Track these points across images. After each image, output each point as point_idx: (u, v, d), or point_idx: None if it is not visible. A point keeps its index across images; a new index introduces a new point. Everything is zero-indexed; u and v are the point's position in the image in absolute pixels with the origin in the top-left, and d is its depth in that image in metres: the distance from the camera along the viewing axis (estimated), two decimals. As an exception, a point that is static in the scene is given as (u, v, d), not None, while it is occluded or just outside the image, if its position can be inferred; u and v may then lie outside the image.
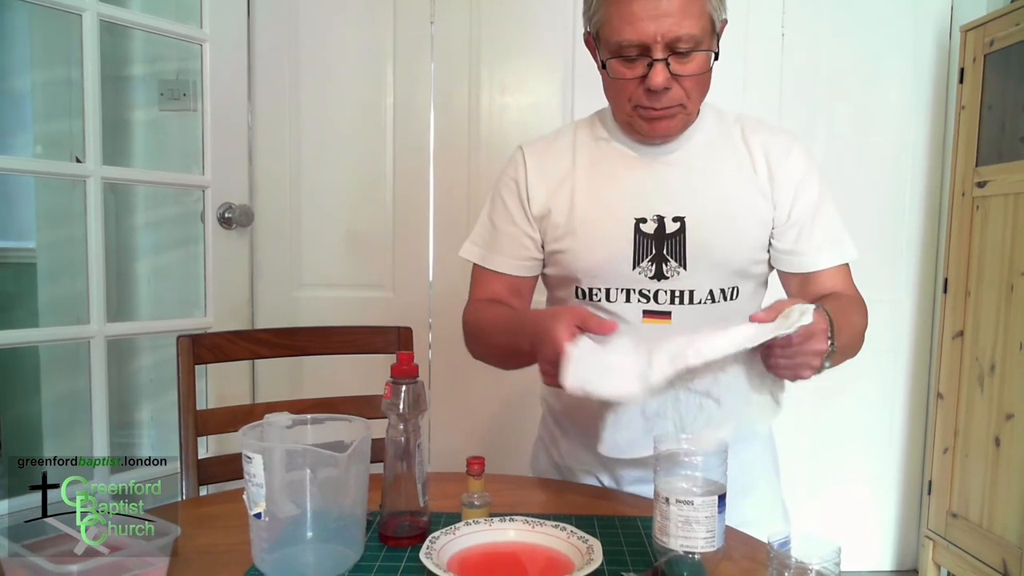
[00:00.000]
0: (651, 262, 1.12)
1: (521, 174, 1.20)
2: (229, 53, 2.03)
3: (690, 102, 1.07)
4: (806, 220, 1.14)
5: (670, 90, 1.04)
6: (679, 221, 1.11)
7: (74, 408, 2.05)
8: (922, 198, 2.49)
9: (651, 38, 1.00)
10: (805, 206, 1.14)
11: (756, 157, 1.14)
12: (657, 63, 1.02)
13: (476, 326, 1.19)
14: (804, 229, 1.14)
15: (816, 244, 1.14)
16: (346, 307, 2.34)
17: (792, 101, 2.41)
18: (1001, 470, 2.07)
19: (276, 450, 0.82)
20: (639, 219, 1.12)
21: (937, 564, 2.37)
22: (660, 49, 1.01)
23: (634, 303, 1.13)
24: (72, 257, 1.99)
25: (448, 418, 2.39)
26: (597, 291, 1.15)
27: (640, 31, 1.00)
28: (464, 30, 2.33)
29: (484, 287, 1.23)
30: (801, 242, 1.14)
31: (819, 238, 1.14)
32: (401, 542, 0.92)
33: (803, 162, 1.15)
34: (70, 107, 2.07)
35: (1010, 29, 2.07)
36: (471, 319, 1.21)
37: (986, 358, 2.14)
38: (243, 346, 1.41)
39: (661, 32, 1.00)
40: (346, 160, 2.35)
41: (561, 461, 1.28)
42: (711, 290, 1.12)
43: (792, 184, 1.13)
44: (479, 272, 1.25)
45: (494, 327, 1.15)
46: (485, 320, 1.18)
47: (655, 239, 1.11)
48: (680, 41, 1.01)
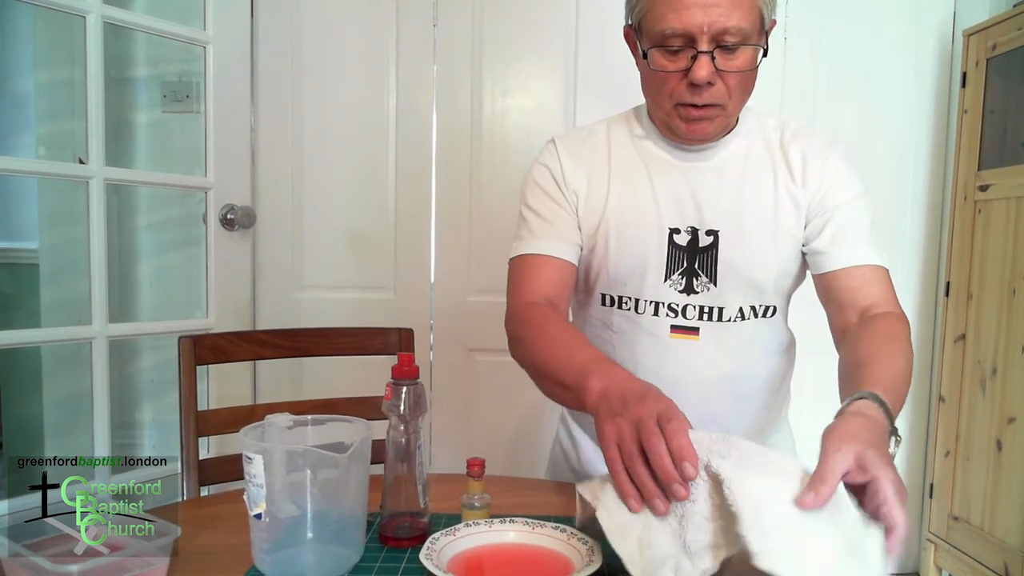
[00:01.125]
0: (682, 275, 1.08)
1: (555, 162, 1.13)
2: (232, 55, 2.03)
3: (731, 102, 1.02)
4: (843, 218, 1.07)
5: (713, 86, 0.98)
6: (712, 235, 1.07)
7: (76, 408, 2.05)
8: (924, 202, 2.49)
9: (698, 28, 0.94)
10: (837, 202, 1.08)
11: (793, 164, 1.09)
12: (702, 55, 0.96)
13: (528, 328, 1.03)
14: (841, 227, 1.07)
15: (852, 243, 1.07)
16: (347, 308, 2.34)
17: (794, 105, 2.41)
18: (1003, 473, 2.06)
19: (277, 451, 0.83)
20: (673, 229, 1.07)
21: (938, 567, 2.36)
22: (706, 41, 0.95)
23: (663, 317, 1.09)
24: (74, 258, 2.00)
25: (449, 419, 2.39)
26: (627, 300, 1.10)
27: (686, 20, 0.94)
28: (467, 33, 2.33)
29: (534, 279, 1.09)
30: (836, 242, 1.07)
31: (854, 238, 1.07)
32: (401, 543, 0.92)
33: (839, 164, 1.10)
34: (73, 108, 2.07)
35: (1012, 33, 2.07)
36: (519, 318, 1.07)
37: (988, 361, 2.14)
38: (244, 347, 1.41)
39: (709, 22, 0.94)
40: (348, 162, 2.36)
41: (580, 468, 1.25)
42: (741, 308, 1.09)
43: (824, 182, 1.08)
44: (524, 264, 1.11)
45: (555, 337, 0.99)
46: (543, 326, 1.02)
47: (687, 252, 1.07)
48: (727, 33, 0.95)
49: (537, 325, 1.03)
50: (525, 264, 1.11)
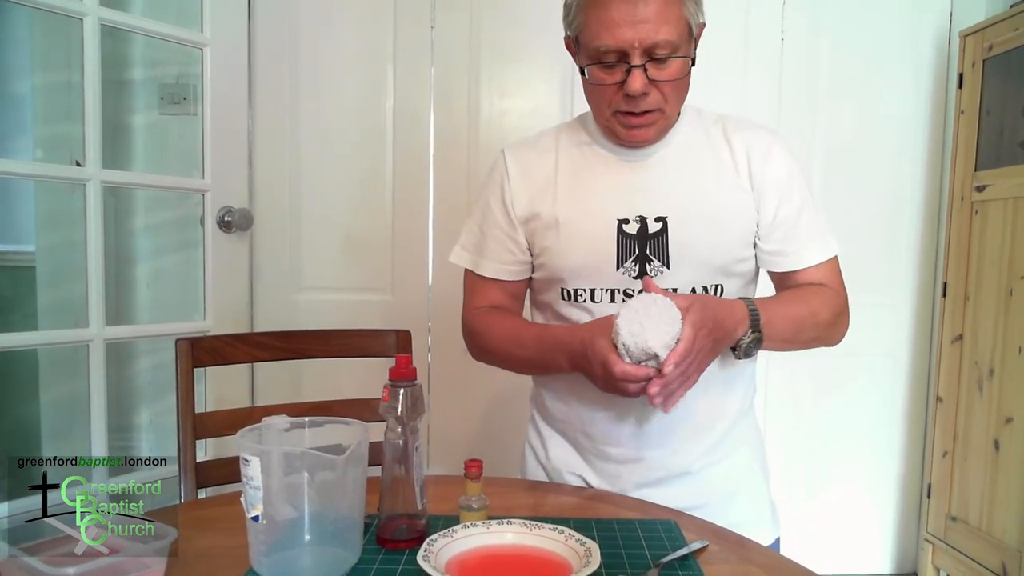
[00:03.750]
0: (635, 262, 1.13)
1: (504, 178, 1.21)
2: (229, 57, 2.03)
3: (668, 106, 1.09)
4: (791, 222, 1.16)
5: (648, 95, 1.06)
6: (661, 221, 1.13)
7: (73, 411, 2.04)
8: (921, 202, 2.49)
9: (629, 44, 1.02)
10: (790, 208, 1.15)
11: (738, 156, 1.15)
12: (635, 69, 1.03)
13: (488, 337, 1.22)
14: (789, 230, 1.16)
15: (801, 244, 1.16)
16: (345, 310, 2.34)
17: (792, 105, 2.42)
18: (1000, 473, 2.07)
19: (274, 453, 0.82)
20: (622, 220, 1.13)
21: (936, 567, 2.37)
22: (638, 55, 1.03)
23: (619, 303, 1.14)
24: (72, 260, 1.99)
25: (446, 421, 2.39)
26: (582, 292, 1.16)
27: (618, 37, 1.02)
28: (464, 34, 2.33)
29: (481, 294, 1.25)
30: (787, 243, 1.16)
31: (804, 237, 1.16)
32: (399, 545, 0.92)
33: (785, 162, 1.16)
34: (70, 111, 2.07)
35: (1009, 34, 2.08)
36: (479, 328, 1.23)
37: (985, 362, 2.14)
38: (242, 349, 1.41)
39: (639, 38, 1.01)
40: (346, 164, 2.36)
41: (548, 464, 1.28)
42: (694, 288, 1.14)
43: (777, 187, 1.15)
44: (473, 278, 1.26)
45: (517, 342, 1.17)
46: (501, 333, 1.20)
47: (638, 239, 1.13)
48: (658, 47, 1.02)
49: (488, 326, 1.21)
50: (471, 280, 1.27)
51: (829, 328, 1.17)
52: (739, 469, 1.21)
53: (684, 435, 1.16)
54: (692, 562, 0.89)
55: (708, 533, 0.99)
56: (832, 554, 2.55)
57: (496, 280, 1.23)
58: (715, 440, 1.18)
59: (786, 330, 1.11)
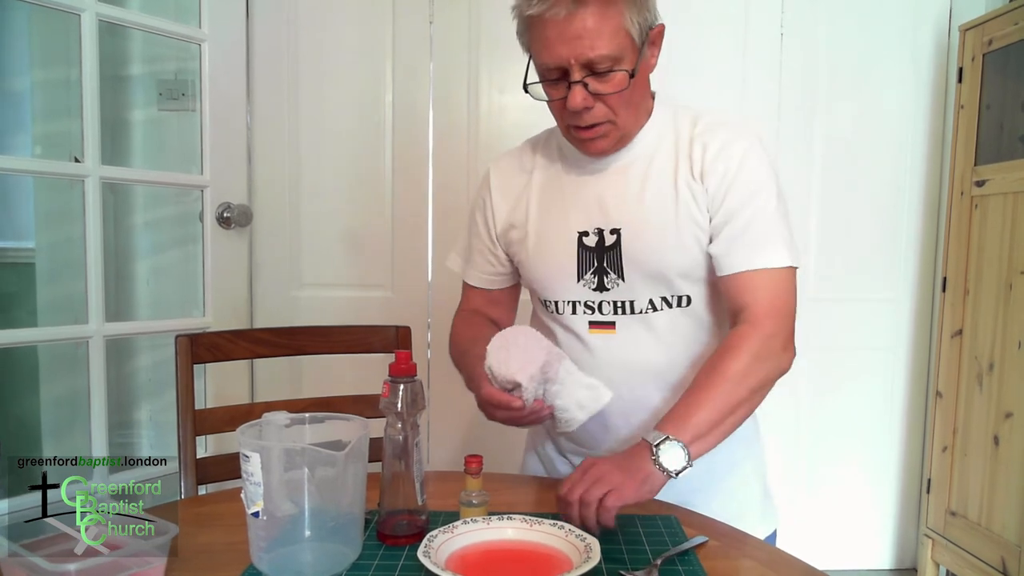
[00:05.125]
0: (593, 274, 1.14)
1: (487, 194, 1.26)
2: (228, 53, 2.03)
3: (618, 118, 1.08)
4: (738, 220, 1.07)
5: (592, 109, 1.05)
6: (616, 233, 1.13)
7: (73, 408, 2.05)
8: (921, 197, 2.49)
9: (565, 61, 1.02)
10: (732, 204, 1.08)
11: (695, 159, 1.10)
12: (575, 85, 1.03)
13: (455, 342, 1.27)
14: (736, 229, 1.07)
15: (744, 245, 1.07)
16: (345, 306, 2.34)
17: (791, 101, 2.42)
18: (1000, 468, 2.07)
19: (274, 449, 0.83)
20: (582, 232, 1.15)
21: (936, 562, 2.37)
22: (577, 71, 1.03)
23: (580, 314, 1.16)
24: (71, 257, 1.99)
25: (446, 417, 2.39)
26: (550, 303, 1.19)
27: (555, 55, 1.03)
28: (463, 29, 2.33)
29: (467, 297, 1.33)
30: (731, 243, 1.07)
31: (749, 240, 1.07)
32: (399, 541, 0.92)
33: (740, 159, 1.08)
34: (69, 107, 2.06)
35: (1008, 28, 2.08)
36: (455, 331, 1.29)
37: (985, 357, 2.14)
38: (242, 345, 1.41)
39: (575, 55, 1.01)
40: (345, 160, 2.35)
41: (549, 463, 1.30)
42: (651, 299, 1.13)
43: (724, 180, 1.08)
44: (464, 282, 1.34)
45: (463, 354, 1.20)
46: (462, 341, 1.24)
47: (596, 252, 1.14)
48: (594, 63, 1.02)
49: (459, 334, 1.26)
50: (463, 284, 1.33)
51: (756, 376, 1.04)
52: (734, 462, 1.21)
53: None
54: (692, 557, 0.89)
55: (708, 528, 0.99)
56: (832, 549, 2.56)
57: (479, 289, 1.31)
58: None
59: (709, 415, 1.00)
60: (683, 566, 0.87)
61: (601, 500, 0.90)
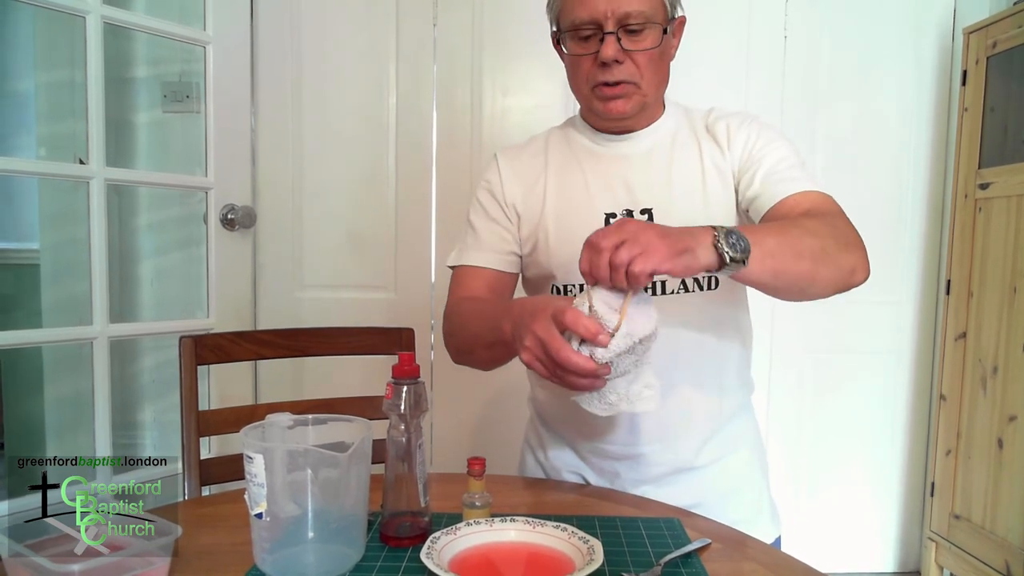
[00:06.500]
0: None
1: (496, 177, 1.25)
2: (232, 55, 2.03)
3: (644, 81, 1.11)
4: (767, 162, 1.11)
5: (622, 64, 1.09)
6: (646, 213, 1.14)
7: (77, 409, 2.05)
8: (925, 200, 2.49)
9: (602, 14, 1.07)
10: (762, 151, 1.13)
11: (719, 136, 1.17)
12: (608, 36, 1.08)
13: (455, 319, 1.18)
14: (769, 171, 1.11)
15: (779, 180, 1.09)
16: (348, 308, 2.34)
17: (794, 103, 2.41)
18: (1004, 472, 2.06)
19: (277, 450, 0.83)
20: (609, 214, 1.15)
21: (940, 566, 2.36)
22: (611, 23, 1.07)
23: None
24: (75, 258, 2.00)
25: (449, 419, 2.39)
26: (572, 287, 1.17)
27: (591, 8, 1.07)
28: (467, 32, 2.33)
29: (464, 285, 1.22)
30: (764, 183, 1.10)
31: (781, 176, 1.10)
32: (402, 542, 0.92)
33: (759, 127, 1.17)
34: (73, 109, 2.07)
35: (1012, 31, 2.07)
36: (450, 313, 1.20)
37: (989, 360, 2.14)
38: (245, 347, 1.41)
39: (612, 8, 1.07)
40: (348, 161, 2.36)
41: (547, 463, 1.29)
42: (684, 280, 1.13)
43: (748, 140, 1.15)
44: (459, 273, 1.25)
45: (474, 315, 1.13)
46: (465, 312, 1.17)
47: None
48: (630, 17, 1.07)
49: (461, 312, 1.17)
50: (457, 274, 1.25)
51: (833, 240, 1.02)
52: (738, 467, 1.21)
53: (680, 429, 1.16)
54: (695, 560, 0.89)
55: (711, 531, 0.99)
56: (835, 552, 2.55)
57: (481, 270, 1.21)
58: (711, 434, 1.18)
59: (780, 241, 0.96)
60: (686, 569, 0.87)
61: (629, 264, 0.83)
